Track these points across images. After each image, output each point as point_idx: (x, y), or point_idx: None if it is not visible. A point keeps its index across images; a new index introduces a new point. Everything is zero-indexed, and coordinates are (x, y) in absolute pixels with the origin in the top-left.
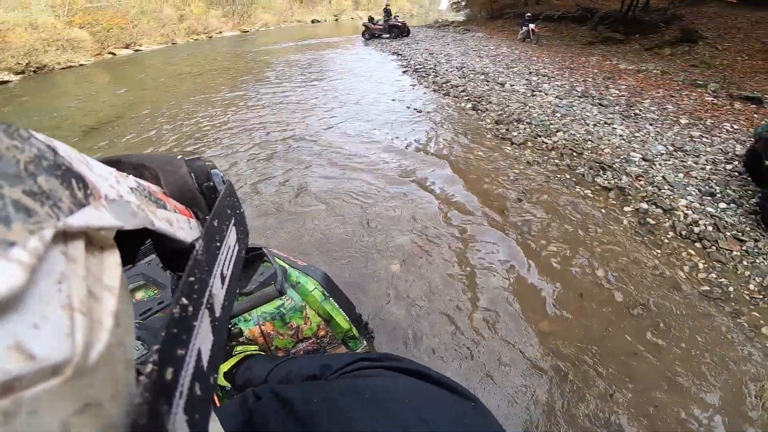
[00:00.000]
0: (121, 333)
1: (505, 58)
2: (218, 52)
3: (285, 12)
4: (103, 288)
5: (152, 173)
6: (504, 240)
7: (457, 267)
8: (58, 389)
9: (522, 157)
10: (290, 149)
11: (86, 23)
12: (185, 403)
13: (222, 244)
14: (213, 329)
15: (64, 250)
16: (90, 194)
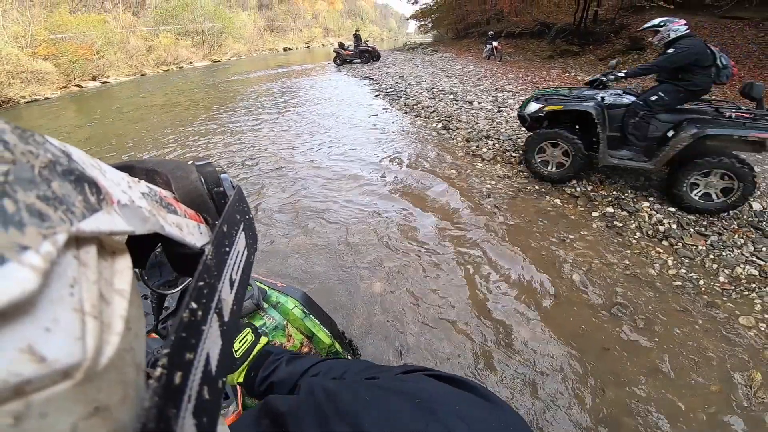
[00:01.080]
0: (131, 337)
1: (472, 76)
2: (189, 82)
3: (256, 41)
4: (114, 292)
5: (163, 179)
6: (479, 252)
7: (435, 281)
8: (69, 392)
9: (493, 171)
10: (268, 177)
11: (51, 54)
12: (194, 407)
13: (231, 249)
14: (222, 334)
15: (76, 255)
16: (103, 199)
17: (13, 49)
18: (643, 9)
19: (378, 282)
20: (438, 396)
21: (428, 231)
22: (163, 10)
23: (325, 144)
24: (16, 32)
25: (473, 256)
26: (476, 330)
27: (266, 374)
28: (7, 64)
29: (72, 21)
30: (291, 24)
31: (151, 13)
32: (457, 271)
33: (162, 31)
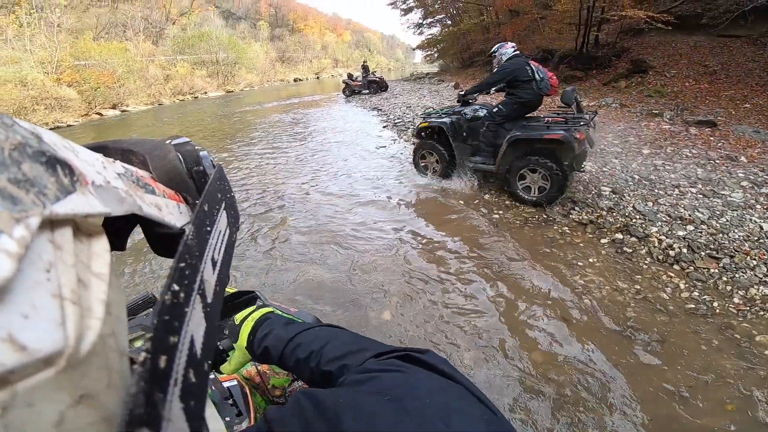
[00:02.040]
0: (112, 322)
1: None
2: (205, 113)
3: (268, 71)
4: (92, 275)
5: (140, 158)
6: (488, 279)
7: (445, 308)
8: (53, 380)
9: (500, 201)
10: (280, 206)
11: (74, 81)
12: (180, 390)
13: (213, 229)
14: (205, 315)
15: (51, 238)
16: (76, 180)
17: (39, 75)
18: (643, 31)
19: (387, 309)
20: (417, 391)
21: (436, 259)
22: (181, 39)
23: (335, 174)
24: (43, 57)
25: (482, 284)
26: (486, 353)
27: (261, 336)
28: (32, 90)
29: (95, 48)
30: (301, 55)
31: (169, 43)
32: (467, 297)
33: (179, 61)
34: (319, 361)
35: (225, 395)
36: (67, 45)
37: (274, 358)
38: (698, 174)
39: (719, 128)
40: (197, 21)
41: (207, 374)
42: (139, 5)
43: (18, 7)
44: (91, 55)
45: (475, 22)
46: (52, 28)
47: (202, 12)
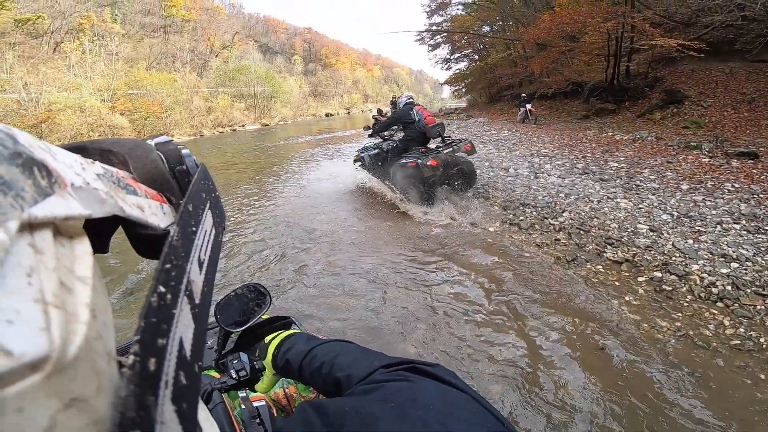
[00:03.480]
0: (98, 325)
1: (507, 141)
2: (242, 146)
3: (301, 106)
4: (75, 279)
5: (120, 159)
6: (517, 319)
7: (472, 343)
8: (41, 385)
9: (530, 240)
10: (310, 239)
11: (127, 110)
12: (172, 393)
13: (198, 229)
14: (194, 317)
15: (31, 242)
16: (54, 182)
17: (96, 102)
18: (675, 60)
19: (412, 343)
20: (418, 396)
21: (465, 296)
22: (223, 72)
23: (361, 210)
24: (101, 85)
25: (511, 323)
26: (514, 387)
27: (284, 351)
28: (89, 116)
29: (147, 78)
30: (333, 90)
31: (212, 75)
32: (497, 335)
33: (220, 93)
34: (330, 370)
35: (253, 414)
36: (123, 74)
37: (294, 370)
38: (741, 209)
39: (762, 160)
40: (238, 54)
41: (198, 376)
42: (187, 37)
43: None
44: (143, 85)
45: (503, 56)
46: (111, 56)
47: (242, 46)
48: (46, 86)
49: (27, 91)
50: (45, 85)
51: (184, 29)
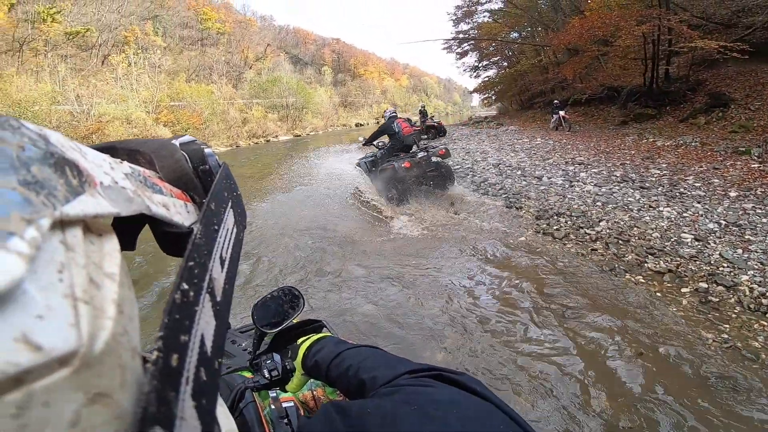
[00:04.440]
0: (124, 321)
1: (539, 149)
2: (275, 156)
3: (331, 116)
4: (104, 276)
5: (146, 158)
6: (551, 326)
7: (504, 352)
8: (68, 380)
9: (565, 250)
10: (342, 246)
11: (169, 121)
12: (192, 389)
13: (220, 228)
14: (215, 314)
15: (62, 239)
16: (85, 182)
17: (141, 113)
18: (718, 62)
19: (441, 352)
20: (441, 400)
21: (496, 306)
22: (256, 84)
23: (390, 224)
24: (146, 97)
25: (544, 335)
26: (550, 400)
27: (314, 352)
28: (135, 128)
29: (187, 89)
30: (362, 100)
31: (246, 86)
32: (528, 342)
33: (254, 104)
34: (357, 372)
35: (282, 414)
36: (165, 86)
37: (322, 371)
38: None
39: None
40: (270, 66)
41: (218, 372)
42: (222, 49)
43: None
44: (183, 96)
45: (533, 62)
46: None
47: (274, 57)
48: (96, 98)
49: (79, 102)
50: (95, 96)
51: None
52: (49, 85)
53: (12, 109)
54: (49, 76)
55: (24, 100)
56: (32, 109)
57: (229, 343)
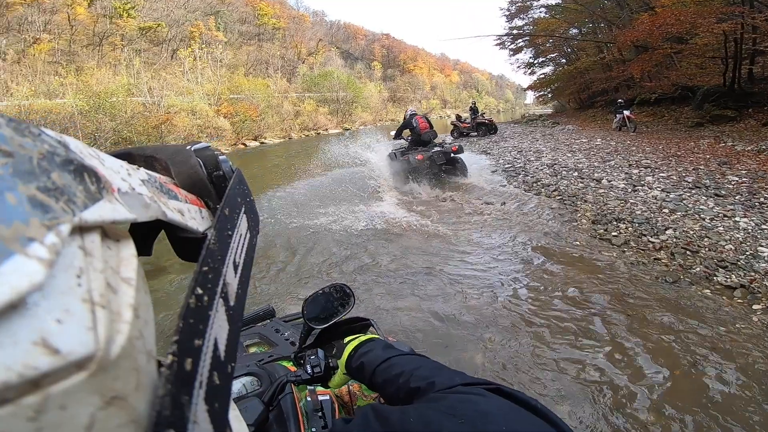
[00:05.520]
0: (140, 325)
1: (599, 150)
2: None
3: (380, 111)
4: (120, 280)
5: (162, 164)
6: (603, 338)
7: (549, 364)
8: (85, 383)
9: (623, 258)
10: (387, 240)
11: (229, 113)
12: (205, 393)
13: (234, 233)
14: (228, 318)
15: (81, 245)
16: (103, 188)
17: (204, 105)
18: None
19: (480, 353)
20: (488, 411)
21: (543, 310)
22: (309, 78)
23: (440, 216)
24: (208, 90)
25: (592, 343)
26: (597, 420)
27: (361, 353)
28: (199, 119)
29: (245, 83)
30: (411, 95)
31: (299, 81)
32: (577, 349)
33: (306, 98)
34: (408, 380)
35: (317, 407)
36: (226, 79)
37: (367, 374)
38: None
39: None
40: (322, 61)
41: (230, 377)
42: (278, 45)
43: (192, 41)
44: (242, 90)
45: (594, 60)
46: (216, 63)
47: (325, 52)
48: (166, 90)
49: (150, 94)
50: (164, 89)
51: (275, 37)
52: (125, 78)
53: (92, 100)
54: (125, 69)
55: (103, 92)
56: (110, 100)
57: (273, 332)
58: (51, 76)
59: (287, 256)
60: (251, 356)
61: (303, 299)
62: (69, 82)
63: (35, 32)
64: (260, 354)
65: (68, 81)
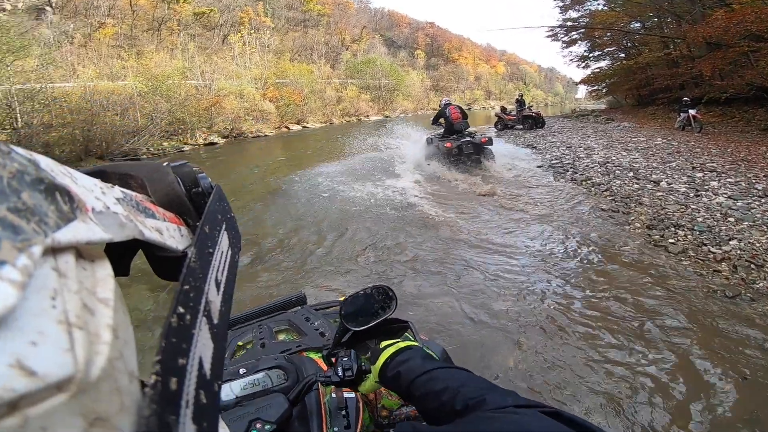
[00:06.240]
0: (120, 345)
1: (659, 150)
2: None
3: (422, 99)
4: (97, 301)
5: (138, 182)
6: (649, 349)
7: (588, 366)
8: (66, 405)
9: (679, 267)
10: (424, 232)
11: (274, 97)
12: (192, 412)
13: (215, 251)
14: (213, 336)
15: (54, 266)
16: (76, 207)
17: (252, 89)
18: None
19: (512, 356)
20: None
21: (586, 314)
22: (352, 65)
23: (479, 209)
24: (256, 74)
25: (637, 352)
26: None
27: (398, 362)
28: (246, 102)
29: (291, 68)
30: (454, 85)
31: (342, 67)
32: (615, 371)
33: (349, 84)
34: (455, 397)
35: (341, 405)
36: (273, 64)
37: (402, 384)
38: None
39: None
40: (365, 48)
41: (218, 395)
42: (322, 31)
43: (242, 27)
44: (287, 75)
45: (658, 55)
46: (264, 48)
47: (369, 40)
48: (216, 74)
49: (203, 78)
50: (215, 73)
51: (320, 23)
52: (180, 62)
53: (150, 82)
54: (181, 53)
55: (160, 75)
56: (166, 83)
57: (303, 320)
58: (114, 59)
59: (321, 234)
60: (279, 344)
61: (335, 289)
62: (130, 65)
63: (100, 17)
64: (288, 343)
65: (129, 64)
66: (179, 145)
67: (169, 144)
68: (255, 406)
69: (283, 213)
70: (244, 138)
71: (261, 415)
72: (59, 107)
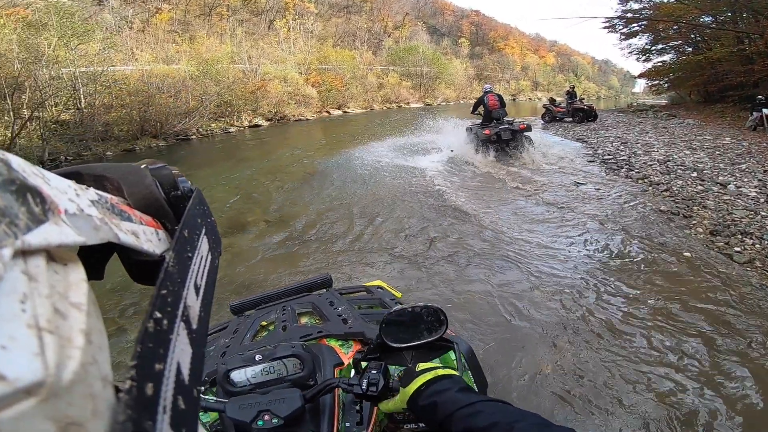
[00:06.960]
0: (93, 350)
1: (728, 151)
2: (405, 119)
3: (465, 88)
4: (69, 305)
5: (114, 184)
6: (701, 369)
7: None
8: (35, 410)
9: (746, 278)
10: (461, 227)
11: (316, 82)
12: (170, 418)
13: (194, 255)
14: (191, 341)
15: (24, 269)
16: (48, 209)
17: (295, 74)
18: None
19: (549, 359)
20: None
21: (633, 328)
22: (394, 52)
23: (522, 203)
24: (299, 60)
25: (687, 376)
26: None
27: (435, 391)
28: (289, 87)
29: (333, 54)
30: (499, 75)
31: (384, 54)
32: (659, 385)
33: (391, 71)
34: None
35: (356, 399)
36: (316, 50)
37: (439, 416)
38: None
39: None
40: (407, 35)
41: (197, 401)
42: (365, 18)
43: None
44: (329, 60)
45: (731, 51)
46: (308, 34)
47: (411, 27)
48: (262, 59)
49: (250, 62)
50: (261, 58)
51: (363, 10)
52: (229, 46)
53: (201, 66)
54: (230, 38)
55: (210, 59)
56: (216, 67)
57: (327, 304)
58: (169, 44)
59: (357, 216)
60: (300, 329)
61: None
62: (183, 49)
63: (157, 2)
64: (310, 327)
65: (183, 48)
66: (226, 126)
67: (216, 125)
68: (268, 398)
69: (317, 194)
70: (286, 121)
71: (272, 408)
72: (119, 89)
